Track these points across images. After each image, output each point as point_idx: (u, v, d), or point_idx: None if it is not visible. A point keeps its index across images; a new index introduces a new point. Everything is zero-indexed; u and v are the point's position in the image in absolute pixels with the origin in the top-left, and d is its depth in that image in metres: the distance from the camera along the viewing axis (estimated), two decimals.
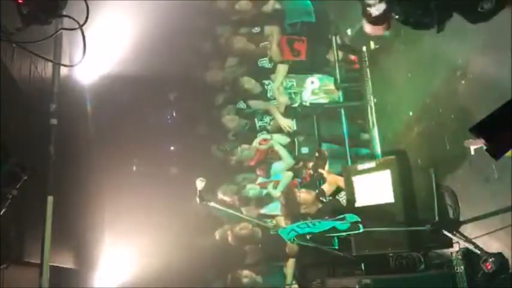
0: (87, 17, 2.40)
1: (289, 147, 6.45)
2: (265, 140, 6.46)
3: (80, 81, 6.48)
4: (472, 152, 3.70)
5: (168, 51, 6.91)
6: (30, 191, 3.55)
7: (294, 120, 6.48)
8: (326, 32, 6.38)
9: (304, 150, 6.31)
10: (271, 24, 6.94)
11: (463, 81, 4.07)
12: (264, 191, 6.37)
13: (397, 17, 3.12)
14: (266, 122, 6.77)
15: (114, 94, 6.96)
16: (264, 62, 6.91)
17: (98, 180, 6.91)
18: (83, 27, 2.38)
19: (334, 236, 4.58)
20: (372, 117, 5.50)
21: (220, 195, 6.31)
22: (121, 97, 7.10)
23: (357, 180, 4.52)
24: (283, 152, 6.38)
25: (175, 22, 6.74)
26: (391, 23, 3.26)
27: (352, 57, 6.28)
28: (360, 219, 3.66)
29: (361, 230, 3.64)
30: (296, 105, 6.47)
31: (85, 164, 6.55)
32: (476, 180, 3.48)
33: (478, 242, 3.72)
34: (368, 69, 5.67)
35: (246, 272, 5.91)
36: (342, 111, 6.06)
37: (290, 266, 5.72)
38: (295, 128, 6.48)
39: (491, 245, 3.64)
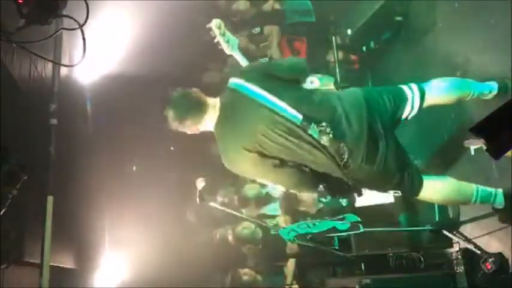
0: (87, 17, 2.39)
1: None
2: None
3: (80, 81, 6.49)
4: (472, 152, 3.69)
5: (168, 51, 6.91)
6: (30, 191, 3.55)
7: None
8: (326, 32, 6.37)
9: None
10: (271, 24, 6.93)
11: None
12: (264, 191, 6.35)
13: None
14: None
15: (114, 94, 6.95)
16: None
17: (98, 180, 6.90)
18: (83, 27, 2.38)
19: (334, 236, 4.58)
20: None
21: (220, 196, 6.30)
22: (121, 97, 7.09)
23: None
24: None
25: (175, 22, 6.74)
26: None
27: (352, 57, 6.27)
28: (360, 219, 3.65)
29: (361, 230, 3.64)
30: None
31: (85, 164, 6.55)
32: (476, 180, 3.47)
33: (478, 242, 3.72)
34: (368, 69, 5.67)
35: (246, 271, 5.91)
36: None
37: (290, 266, 5.71)
38: None
39: (491, 245, 3.63)
